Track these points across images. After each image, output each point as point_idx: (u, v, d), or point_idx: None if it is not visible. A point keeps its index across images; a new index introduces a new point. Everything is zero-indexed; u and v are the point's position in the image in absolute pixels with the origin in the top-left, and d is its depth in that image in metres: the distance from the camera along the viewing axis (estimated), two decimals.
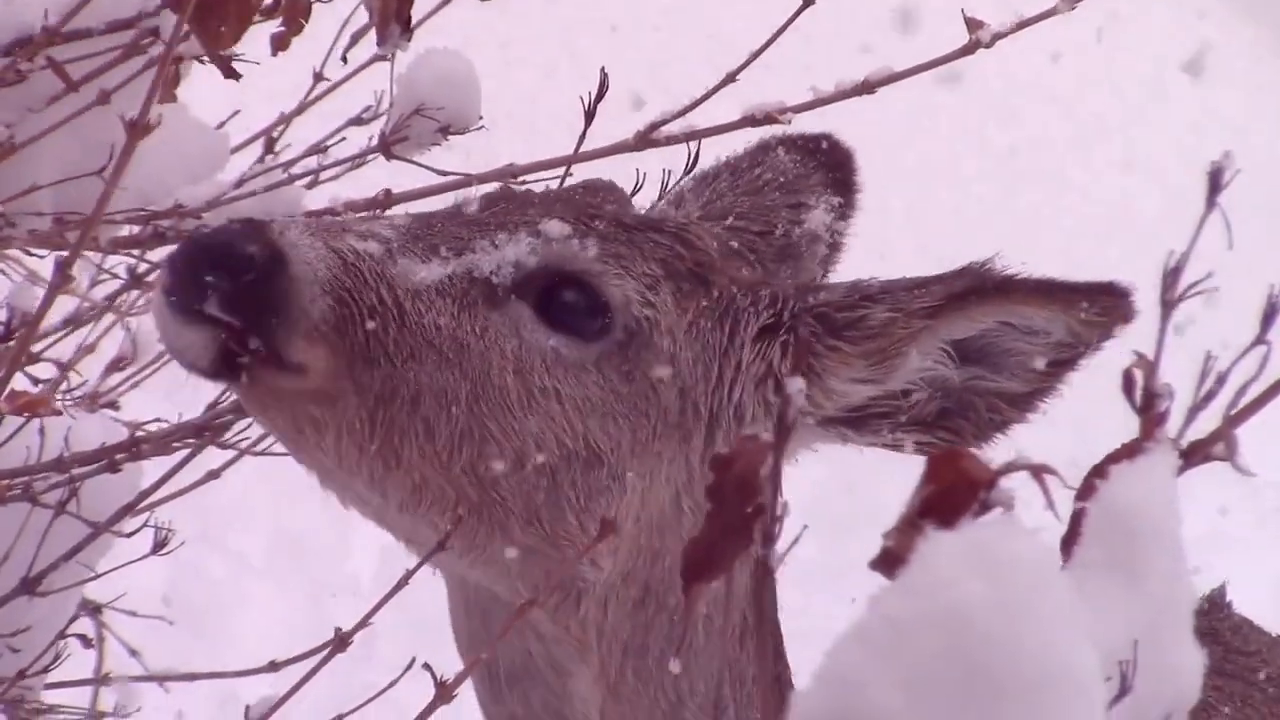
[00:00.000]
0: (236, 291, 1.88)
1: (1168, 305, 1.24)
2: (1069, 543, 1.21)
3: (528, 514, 2.01)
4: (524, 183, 2.43)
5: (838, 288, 2.18)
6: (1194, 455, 1.29)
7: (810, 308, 2.14)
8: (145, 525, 2.76)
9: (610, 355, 2.07)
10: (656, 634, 2.10)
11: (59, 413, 2.63)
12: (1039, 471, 1.13)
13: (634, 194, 2.48)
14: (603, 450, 2.03)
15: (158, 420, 3.03)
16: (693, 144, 2.56)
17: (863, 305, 2.10)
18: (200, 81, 1.99)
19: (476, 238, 2.07)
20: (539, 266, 2.06)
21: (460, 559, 2.04)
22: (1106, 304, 2.00)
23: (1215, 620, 3.43)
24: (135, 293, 3.47)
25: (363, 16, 2.29)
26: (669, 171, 2.54)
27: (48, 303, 1.86)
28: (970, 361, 2.08)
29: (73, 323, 3.53)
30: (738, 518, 1.16)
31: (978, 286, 2.05)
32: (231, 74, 1.95)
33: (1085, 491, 1.21)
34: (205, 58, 2.07)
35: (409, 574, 2.07)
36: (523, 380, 2.01)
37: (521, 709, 2.14)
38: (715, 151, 2.62)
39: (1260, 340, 1.31)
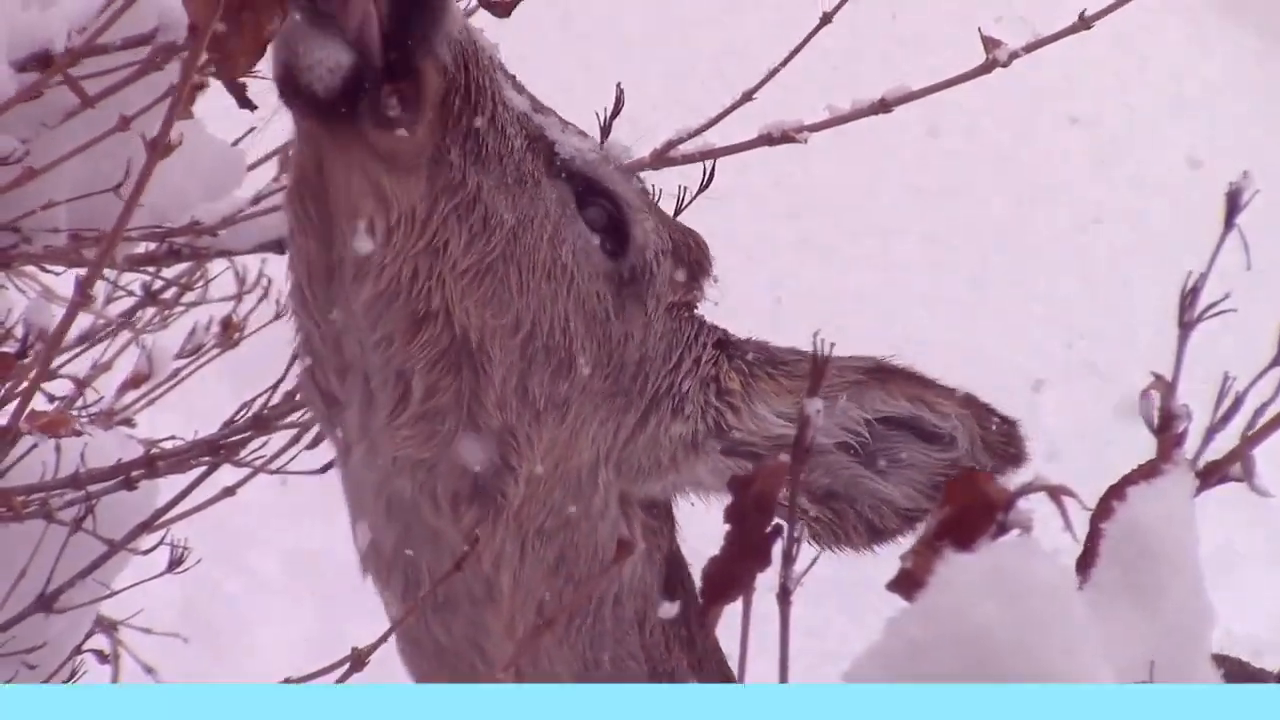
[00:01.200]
0: None
1: (1185, 327, 1.24)
2: (1085, 563, 1.21)
3: (501, 394, 2.02)
4: None
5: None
6: (1211, 476, 1.29)
7: (755, 343, 2.24)
8: (161, 542, 2.76)
9: (613, 279, 2.12)
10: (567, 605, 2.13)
11: (79, 433, 2.63)
12: (1057, 493, 1.13)
13: None
14: (576, 363, 2.07)
15: (173, 438, 3.03)
16: (708, 162, 2.57)
17: (800, 355, 2.22)
18: (216, 98, 1.99)
19: (551, 114, 2.14)
20: (593, 166, 2.12)
21: (414, 432, 2.03)
22: (1011, 432, 2.13)
23: None
24: (150, 310, 3.48)
25: None
26: (684, 189, 2.54)
27: (68, 321, 1.85)
28: (870, 465, 2.17)
29: (88, 339, 3.54)
30: (756, 537, 1.16)
31: (908, 368, 2.18)
32: (247, 104, 1.95)
33: (1103, 513, 1.21)
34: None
35: (429, 591, 2.07)
36: (553, 249, 2.05)
37: (445, 637, 2.13)
38: (731, 170, 2.62)
39: (1278, 362, 1.31)
